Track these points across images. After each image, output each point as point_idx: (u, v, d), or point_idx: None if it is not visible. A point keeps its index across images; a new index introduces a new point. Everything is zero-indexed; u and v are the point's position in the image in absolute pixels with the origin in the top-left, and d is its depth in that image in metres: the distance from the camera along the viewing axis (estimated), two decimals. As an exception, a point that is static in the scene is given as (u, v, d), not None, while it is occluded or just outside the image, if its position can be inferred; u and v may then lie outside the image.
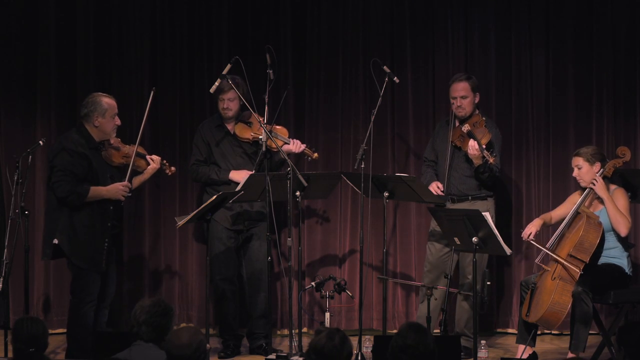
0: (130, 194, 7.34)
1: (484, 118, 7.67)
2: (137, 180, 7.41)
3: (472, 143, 7.44)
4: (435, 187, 7.67)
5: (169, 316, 5.19)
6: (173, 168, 7.56)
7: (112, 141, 7.25)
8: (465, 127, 7.55)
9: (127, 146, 7.34)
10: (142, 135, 7.42)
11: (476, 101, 7.74)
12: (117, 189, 7.15)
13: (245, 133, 7.74)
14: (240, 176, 7.58)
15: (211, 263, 7.55)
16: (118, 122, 7.21)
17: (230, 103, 7.69)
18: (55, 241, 7.07)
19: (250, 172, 7.54)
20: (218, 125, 7.82)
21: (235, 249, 7.81)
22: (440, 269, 7.72)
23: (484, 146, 7.45)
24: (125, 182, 7.18)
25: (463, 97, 7.66)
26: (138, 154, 7.32)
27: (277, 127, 7.78)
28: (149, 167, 7.39)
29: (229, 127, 7.80)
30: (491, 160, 7.38)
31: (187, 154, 8.49)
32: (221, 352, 7.77)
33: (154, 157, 7.43)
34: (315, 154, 7.81)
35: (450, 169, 7.69)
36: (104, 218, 7.11)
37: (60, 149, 7.07)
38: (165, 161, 7.51)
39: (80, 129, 7.14)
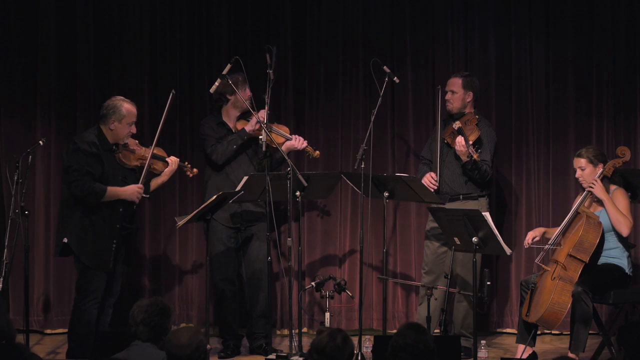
0: (147, 196, 7.36)
1: (477, 116, 7.69)
2: (155, 183, 7.43)
3: (459, 139, 7.47)
4: (430, 177, 7.66)
5: (166, 315, 5.18)
6: (195, 170, 7.58)
7: (128, 143, 7.26)
8: (456, 124, 7.58)
9: (144, 148, 7.33)
10: (142, 134, 7.42)
11: (467, 100, 7.75)
12: (133, 191, 7.18)
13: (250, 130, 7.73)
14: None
15: (211, 263, 7.56)
16: (134, 130, 7.22)
17: (250, 92, 7.69)
18: (65, 240, 7.09)
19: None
20: (219, 123, 7.83)
21: (235, 249, 7.82)
22: (438, 269, 7.73)
23: (470, 142, 7.46)
24: (140, 185, 7.20)
25: (453, 92, 7.72)
26: (155, 156, 7.33)
27: (278, 125, 7.80)
28: (166, 169, 7.42)
29: (230, 125, 7.80)
30: (475, 156, 7.39)
31: (188, 154, 8.50)
32: (221, 352, 7.77)
33: (172, 158, 7.45)
34: (317, 152, 7.82)
35: (442, 167, 7.71)
36: (113, 219, 7.12)
37: (75, 149, 7.07)
38: (187, 162, 7.54)
39: (96, 130, 7.17)
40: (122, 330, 5.61)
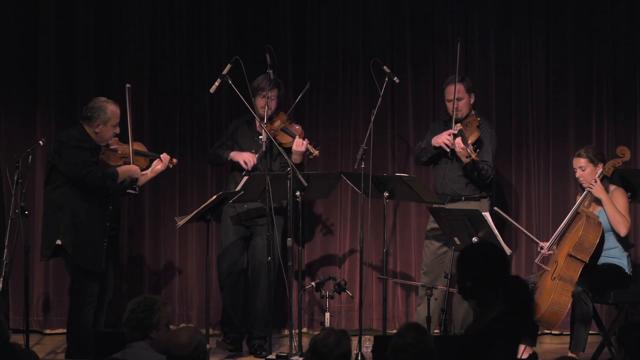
0: (137, 192, 7.34)
1: (478, 118, 7.68)
2: (144, 178, 7.40)
3: (457, 141, 7.46)
4: (446, 136, 7.57)
5: (149, 311, 5.01)
6: (175, 160, 7.55)
7: (109, 143, 7.25)
8: (457, 127, 7.57)
9: (125, 145, 7.32)
10: (142, 135, 7.41)
11: (471, 102, 7.75)
12: (135, 167, 7.22)
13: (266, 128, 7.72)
14: (240, 157, 7.60)
15: (219, 254, 7.73)
16: (117, 130, 7.19)
17: (271, 102, 7.67)
18: (59, 242, 7.05)
19: (254, 155, 7.55)
20: (247, 120, 7.83)
21: (244, 242, 7.79)
22: (436, 269, 7.72)
23: (469, 142, 7.45)
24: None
25: (458, 99, 7.67)
26: (137, 153, 7.31)
27: (296, 125, 7.80)
28: (156, 167, 7.40)
29: (257, 123, 7.76)
30: (473, 156, 7.38)
31: (187, 154, 8.50)
32: (222, 341, 7.72)
33: (164, 155, 7.42)
34: (317, 152, 7.76)
35: (445, 169, 7.71)
36: (104, 218, 7.10)
37: (70, 147, 7.01)
38: (171, 157, 7.50)
39: (80, 129, 7.13)
40: (121, 330, 5.58)
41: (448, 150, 7.59)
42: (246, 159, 7.62)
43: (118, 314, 8.07)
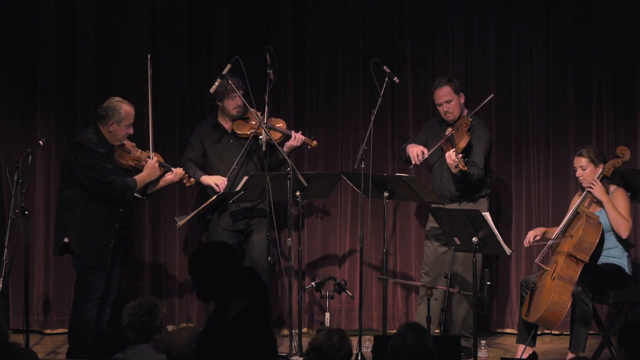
0: (145, 198, 7.34)
1: (470, 119, 7.65)
2: (153, 187, 7.42)
3: (448, 153, 7.43)
4: (419, 150, 7.60)
5: (152, 314, 5.05)
6: (193, 179, 7.58)
7: (125, 144, 7.25)
8: (449, 131, 7.56)
9: (140, 151, 7.32)
10: (142, 134, 7.41)
11: (461, 102, 7.73)
12: (154, 171, 7.24)
13: (243, 129, 7.74)
14: (210, 180, 7.61)
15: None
16: (131, 131, 7.21)
17: (240, 101, 7.69)
18: (66, 240, 7.08)
19: (224, 178, 7.54)
20: (214, 125, 7.83)
21: (238, 247, 7.78)
22: (438, 269, 7.72)
23: (460, 148, 7.43)
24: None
25: (448, 102, 7.65)
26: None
27: (274, 119, 7.79)
28: (167, 176, 7.41)
29: (227, 126, 7.79)
30: (461, 166, 7.36)
31: (187, 154, 8.51)
32: None
33: (178, 170, 7.43)
34: (314, 142, 7.77)
35: (442, 170, 7.70)
36: (113, 219, 7.13)
37: (88, 150, 7.04)
38: (185, 173, 7.51)
39: (95, 129, 7.15)
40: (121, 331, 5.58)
41: (411, 164, 7.59)
42: (216, 181, 7.61)
43: (117, 314, 8.10)
